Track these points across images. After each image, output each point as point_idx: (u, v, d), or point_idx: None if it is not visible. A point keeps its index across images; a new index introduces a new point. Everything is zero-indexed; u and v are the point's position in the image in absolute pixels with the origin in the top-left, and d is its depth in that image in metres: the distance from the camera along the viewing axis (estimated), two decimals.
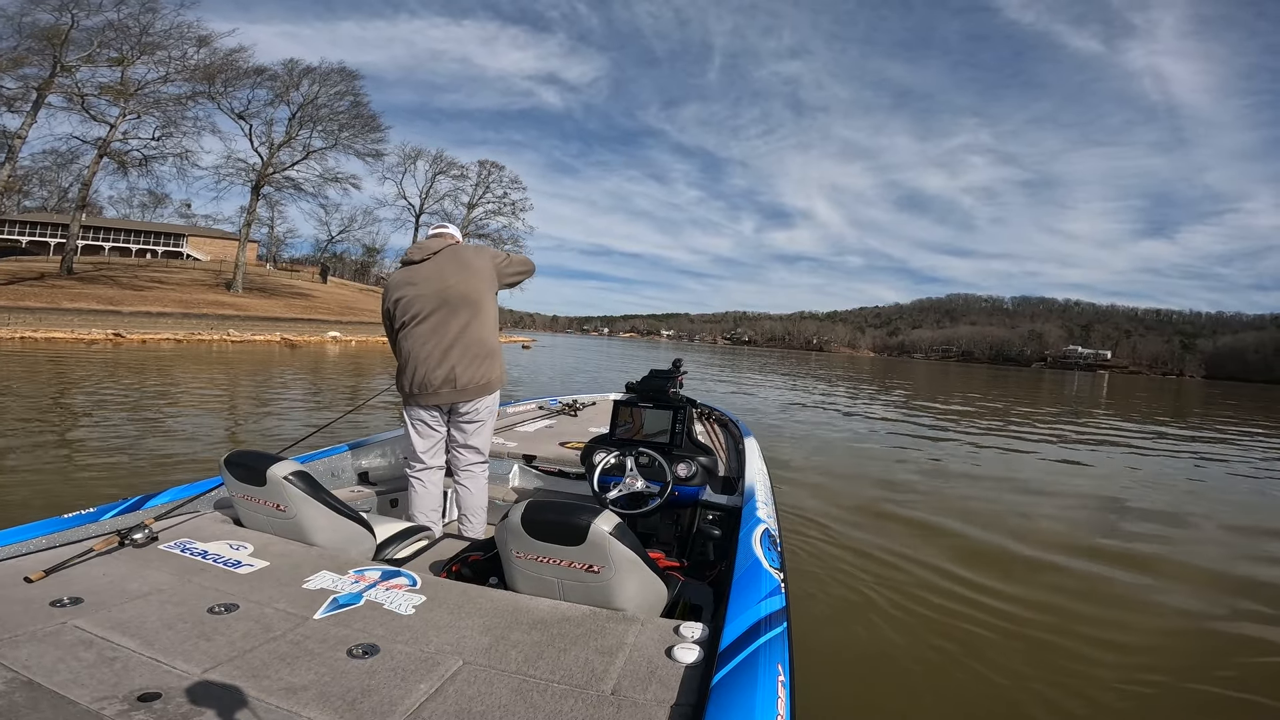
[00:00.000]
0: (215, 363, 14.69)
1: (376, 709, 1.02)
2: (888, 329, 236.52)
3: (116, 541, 1.61)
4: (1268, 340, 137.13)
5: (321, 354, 20.02)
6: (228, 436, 6.46)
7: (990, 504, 5.30)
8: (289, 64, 34.16)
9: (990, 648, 2.69)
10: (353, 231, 57.01)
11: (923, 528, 4.45)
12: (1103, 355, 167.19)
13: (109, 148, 28.58)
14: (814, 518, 4.40)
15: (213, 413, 7.92)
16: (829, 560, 3.59)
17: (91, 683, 1.04)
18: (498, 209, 49.58)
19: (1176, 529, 4.95)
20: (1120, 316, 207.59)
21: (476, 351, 2.47)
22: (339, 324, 30.89)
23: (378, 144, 38.30)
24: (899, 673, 2.50)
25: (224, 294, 32.01)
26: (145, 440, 5.85)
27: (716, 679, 1.08)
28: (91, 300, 24.46)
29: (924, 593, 3.22)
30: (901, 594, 3.17)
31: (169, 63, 28.89)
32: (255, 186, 34.63)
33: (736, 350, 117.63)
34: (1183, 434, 12.73)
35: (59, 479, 4.32)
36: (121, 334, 19.18)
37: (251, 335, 23.64)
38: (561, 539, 1.42)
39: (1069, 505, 5.54)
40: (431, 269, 2.45)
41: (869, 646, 2.66)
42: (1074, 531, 4.62)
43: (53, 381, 9.65)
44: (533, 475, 3.26)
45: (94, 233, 43.79)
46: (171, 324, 23.09)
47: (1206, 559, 4.20)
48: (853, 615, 2.92)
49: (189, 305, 27.41)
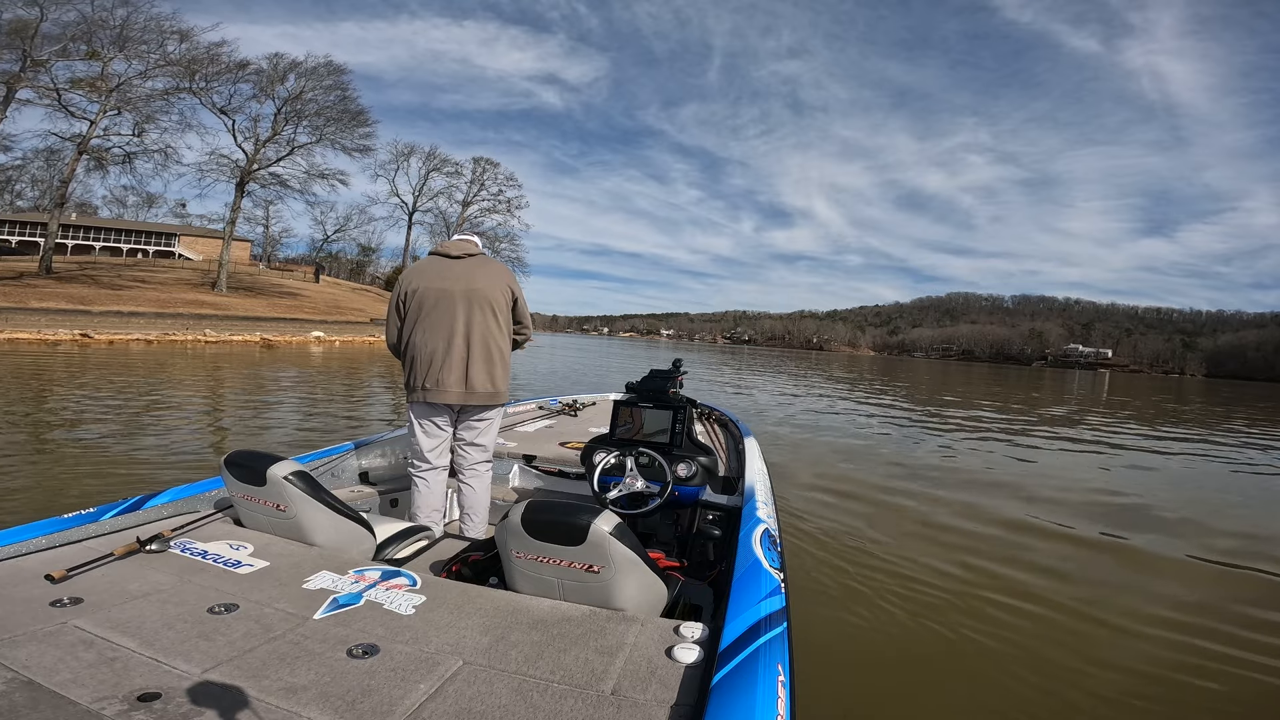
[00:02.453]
0: (174, 364, 13.64)
1: (376, 709, 1.03)
2: (888, 328, 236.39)
3: (136, 546, 1.61)
4: (1268, 338, 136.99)
5: (299, 354, 19.18)
6: (124, 456, 5.20)
7: (992, 504, 5.29)
8: (274, 58, 33.29)
9: (991, 647, 2.69)
10: (348, 231, 56.67)
11: (924, 527, 4.45)
12: (1104, 354, 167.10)
13: (88, 145, 27.93)
14: (814, 518, 4.41)
15: (116, 423, 6.48)
16: (829, 560, 3.59)
17: (91, 683, 1.05)
18: (493, 206, 49.18)
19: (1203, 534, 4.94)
20: (1121, 315, 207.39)
21: (493, 355, 2.49)
22: (324, 324, 30.27)
23: (365, 139, 37.57)
24: (899, 673, 2.50)
25: (206, 293, 31.26)
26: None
27: (716, 679, 1.09)
28: (61, 300, 23.47)
29: (925, 593, 3.22)
30: (902, 594, 3.17)
31: (147, 57, 28.29)
32: (240, 183, 33.94)
33: (736, 350, 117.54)
34: (1198, 434, 12.73)
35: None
36: (89, 334, 18.48)
37: (229, 335, 22.85)
38: (561, 539, 1.42)
39: (1072, 505, 5.53)
40: (463, 268, 2.48)
41: (869, 646, 2.66)
42: (1079, 532, 4.62)
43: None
44: (533, 475, 3.26)
45: (85, 232, 43.58)
46: (143, 324, 22.14)
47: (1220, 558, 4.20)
48: (853, 615, 2.92)
49: (165, 305, 26.44)
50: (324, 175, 36.88)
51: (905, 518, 4.68)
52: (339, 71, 35.42)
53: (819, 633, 2.69)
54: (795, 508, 4.52)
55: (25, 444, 5.47)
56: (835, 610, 2.96)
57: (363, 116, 36.74)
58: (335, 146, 36.46)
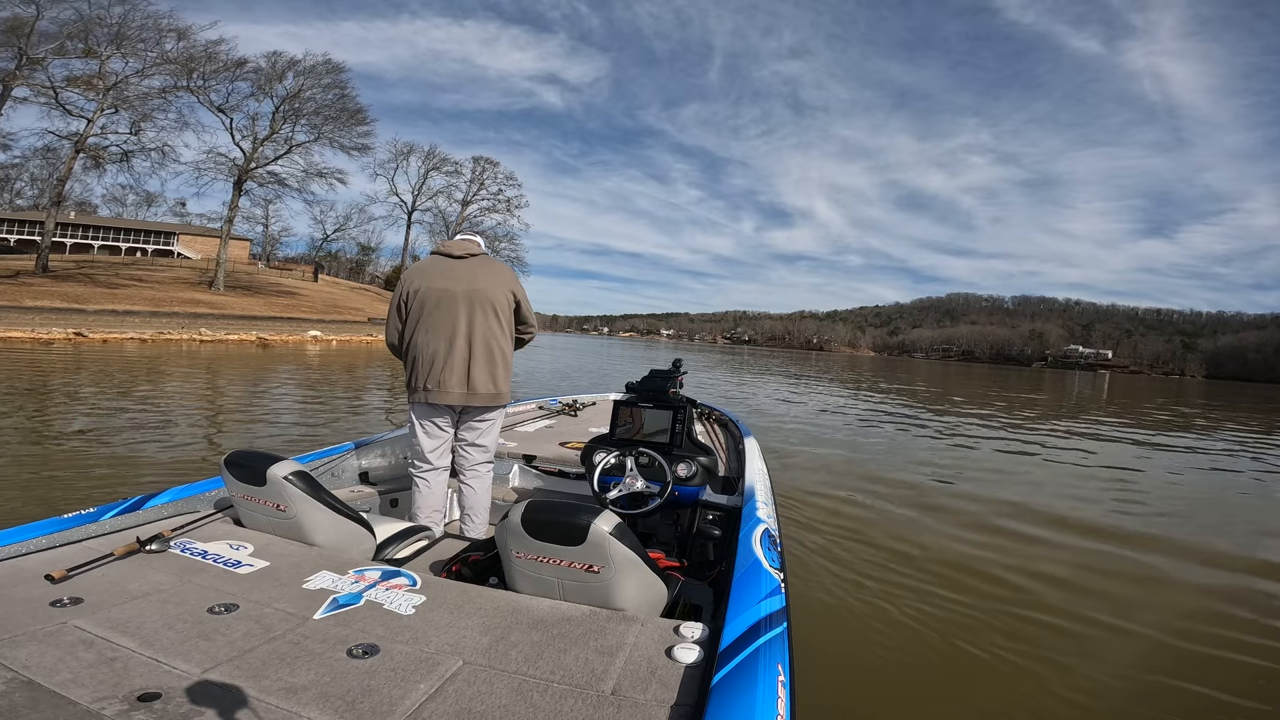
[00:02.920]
0: (167, 363, 13.28)
1: (376, 709, 1.03)
2: (888, 328, 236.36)
3: (136, 546, 1.61)
4: (1268, 340, 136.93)
5: (295, 354, 18.91)
6: (107, 459, 4.99)
7: (994, 506, 5.29)
8: (272, 56, 32.84)
9: (992, 648, 2.69)
10: (348, 230, 56.24)
11: (925, 528, 4.45)
12: (1104, 355, 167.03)
13: (84, 143, 27.67)
14: (814, 517, 4.40)
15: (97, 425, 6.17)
16: (829, 560, 3.58)
17: (91, 683, 1.05)
18: (492, 206, 48.84)
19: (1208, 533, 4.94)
20: (1121, 316, 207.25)
21: (494, 356, 2.48)
22: (321, 323, 30.01)
23: (364, 138, 37.19)
24: (899, 673, 2.50)
25: (204, 292, 30.95)
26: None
27: (716, 679, 1.09)
28: (55, 298, 23.08)
29: (926, 593, 3.22)
30: (903, 594, 3.17)
31: (145, 55, 27.97)
32: (237, 182, 33.70)
33: (736, 350, 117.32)
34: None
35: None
36: (83, 333, 18.20)
37: (224, 334, 22.62)
38: (561, 539, 1.42)
39: (1075, 505, 5.53)
40: (465, 268, 2.47)
41: (870, 646, 2.66)
42: (1081, 532, 4.61)
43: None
44: (533, 475, 3.26)
45: (84, 231, 43.42)
46: (138, 323, 21.81)
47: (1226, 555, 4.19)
48: (853, 615, 2.92)
49: (160, 304, 26.16)
50: (322, 174, 36.69)
51: (906, 518, 4.67)
52: (337, 70, 35.13)
53: (819, 633, 2.69)
54: (795, 508, 4.52)
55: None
56: (836, 610, 2.96)
57: (361, 115, 36.46)
58: (334, 145, 36.21)
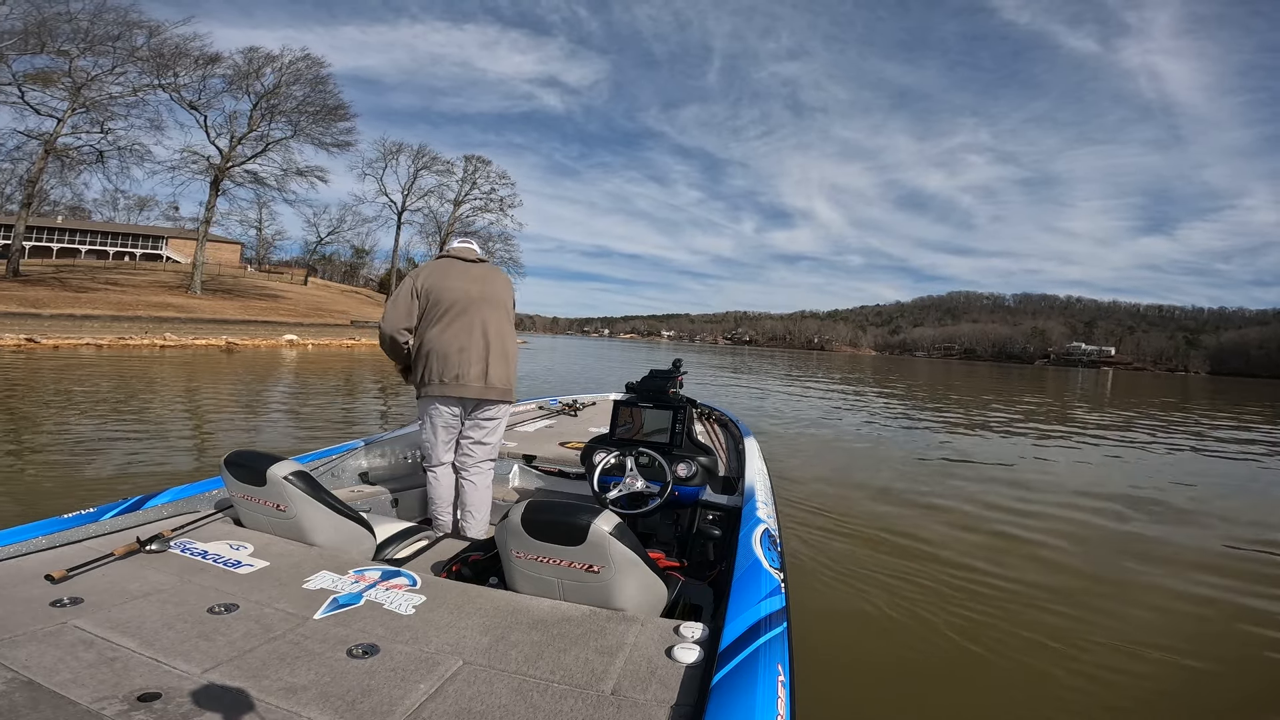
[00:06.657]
0: (97, 371, 11.43)
1: (376, 709, 1.03)
2: (889, 327, 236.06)
3: (136, 546, 1.61)
4: (1271, 335, 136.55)
5: (262, 358, 17.81)
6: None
7: (995, 504, 5.28)
8: (248, 52, 31.45)
9: (992, 647, 2.68)
10: (342, 233, 54.69)
11: (925, 527, 4.44)
12: (1106, 352, 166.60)
13: (54, 143, 26.73)
14: (815, 517, 4.40)
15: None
16: (830, 560, 3.58)
17: (91, 683, 1.05)
18: (485, 205, 47.74)
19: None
20: (1123, 313, 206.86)
21: (508, 354, 2.64)
22: (299, 326, 28.94)
23: (345, 134, 35.64)
24: (900, 673, 2.49)
25: (177, 295, 29.88)
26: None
27: (716, 679, 1.08)
28: (12, 302, 22.07)
29: (926, 592, 3.21)
30: (903, 593, 3.16)
31: (114, 52, 26.84)
32: (214, 181, 32.16)
33: (737, 350, 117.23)
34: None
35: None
36: (35, 339, 17.04)
37: (190, 339, 21.40)
38: (561, 539, 1.42)
39: (1076, 506, 5.51)
40: (480, 272, 2.64)
41: (870, 646, 2.66)
42: (1083, 533, 4.60)
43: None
44: (533, 475, 3.26)
45: (72, 235, 42.92)
46: (97, 328, 20.70)
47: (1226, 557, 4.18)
48: (853, 615, 2.92)
49: (125, 307, 25.36)
50: (301, 172, 35.30)
51: (907, 518, 4.66)
52: (317, 65, 33.60)
53: (819, 633, 2.68)
54: (796, 507, 4.52)
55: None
56: (836, 610, 2.95)
57: (341, 111, 34.96)
58: (313, 142, 34.77)
